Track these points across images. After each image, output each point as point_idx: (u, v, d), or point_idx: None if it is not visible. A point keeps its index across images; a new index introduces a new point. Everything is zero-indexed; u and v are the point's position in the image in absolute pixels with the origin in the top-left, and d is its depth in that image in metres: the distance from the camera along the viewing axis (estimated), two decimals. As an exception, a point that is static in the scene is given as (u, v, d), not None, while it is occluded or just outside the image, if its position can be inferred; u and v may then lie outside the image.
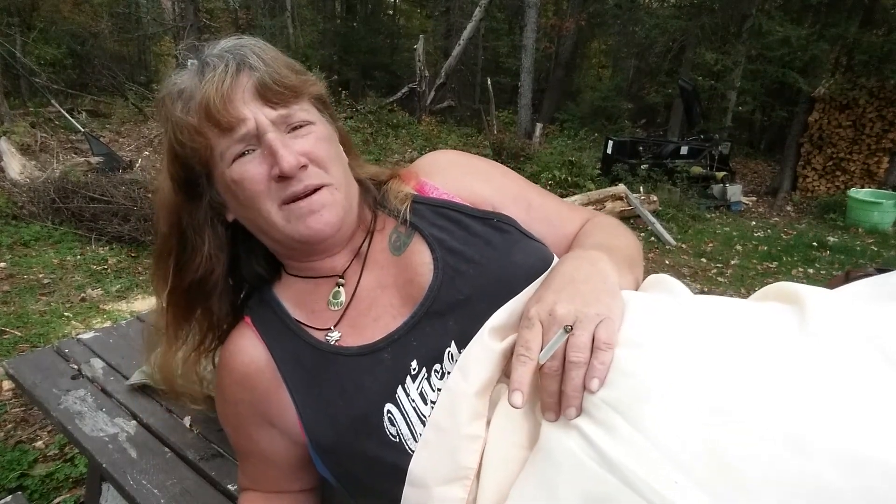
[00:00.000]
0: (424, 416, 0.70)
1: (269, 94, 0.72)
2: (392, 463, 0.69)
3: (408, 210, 0.81)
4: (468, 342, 0.70)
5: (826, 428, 0.49)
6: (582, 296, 0.64)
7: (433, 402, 0.70)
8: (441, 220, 0.80)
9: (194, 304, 0.82)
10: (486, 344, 0.68)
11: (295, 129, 0.74)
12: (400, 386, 0.72)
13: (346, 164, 0.82)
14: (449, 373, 0.71)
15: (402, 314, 0.77)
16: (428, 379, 0.72)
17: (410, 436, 0.70)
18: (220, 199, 0.78)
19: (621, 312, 0.64)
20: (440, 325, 0.74)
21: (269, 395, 0.78)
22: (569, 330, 0.59)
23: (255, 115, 0.71)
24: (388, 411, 0.71)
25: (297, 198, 0.73)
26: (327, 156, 0.76)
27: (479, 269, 0.75)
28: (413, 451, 0.69)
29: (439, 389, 0.71)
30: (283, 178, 0.72)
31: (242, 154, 0.73)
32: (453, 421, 0.66)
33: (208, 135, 0.71)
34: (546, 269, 0.75)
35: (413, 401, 0.71)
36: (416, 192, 0.84)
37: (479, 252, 0.77)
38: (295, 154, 0.72)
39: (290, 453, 0.81)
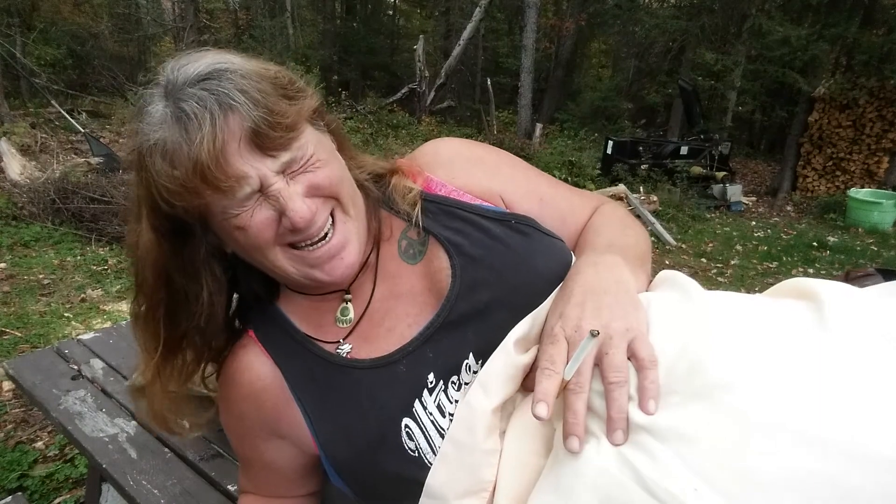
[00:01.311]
0: (443, 429, 0.68)
1: (266, 142, 0.62)
2: (411, 478, 0.68)
3: (419, 213, 0.76)
4: (487, 353, 0.67)
5: (846, 428, 0.49)
6: (608, 308, 0.62)
7: (451, 415, 0.68)
8: (456, 221, 0.75)
9: (188, 345, 0.76)
10: (508, 358, 0.66)
11: (297, 170, 0.67)
12: (417, 399, 0.69)
13: (348, 175, 0.74)
14: (467, 384, 0.69)
15: (418, 323, 0.73)
16: (445, 391, 0.70)
17: (429, 449, 0.68)
18: (217, 241, 0.72)
19: (647, 324, 0.62)
20: (458, 335, 0.71)
21: (279, 410, 0.75)
22: (595, 335, 0.57)
23: (257, 170, 0.63)
24: (406, 426, 0.69)
25: (309, 241, 0.68)
26: (331, 182, 0.69)
27: (500, 277, 0.71)
28: (430, 464, 0.67)
29: (457, 401, 0.69)
30: (297, 228, 0.66)
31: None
32: (472, 436, 0.65)
33: (204, 195, 0.63)
34: (566, 273, 0.71)
35: (431, 414, 0.69)
36: (424, 190, 0.79)
37: (499, 258, 0.72)
38: (305, 203, 0.65)
39: (295, 463, 0.79)
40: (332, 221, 0.70)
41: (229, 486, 1.14)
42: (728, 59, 9.08)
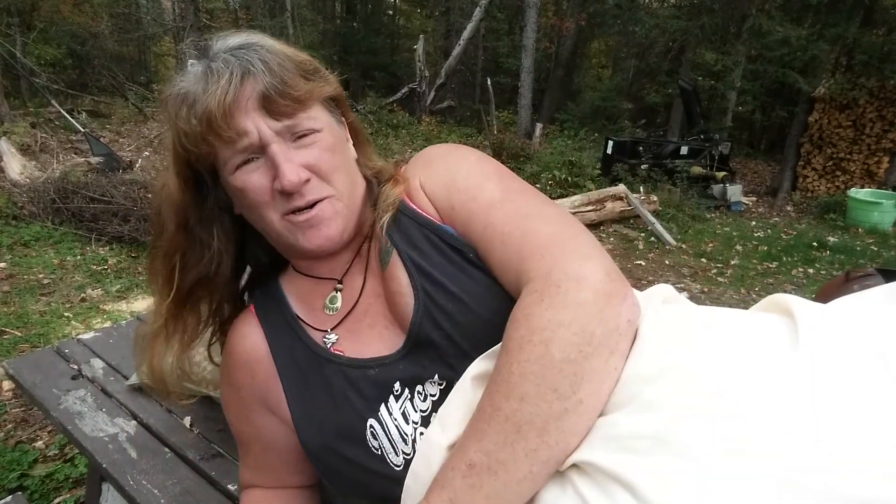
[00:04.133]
0: (405, 434, 0.72)
1: (274, 107, 0.70)
2: (375, 470, 0.72)
3: (385, 223, 0.77)
4: (451, 373, 0.71)
5: (822, 465, 0.48)
6: None
7: (415, 422, 0.72)
8: (423, 242, 0.76)
9: (198, 295, 0.82)
10: (465, 396, 0.67)
11: (300, 137, 0.73)
12: (383, 404, 0.73)
13: (353, 166, 0.81)
14: (432, 395, 0.73)
15: (392, 327, 0.77)
16: (411, 400, 0.73)
17: (392, 450, 0.72)
18: (226, 198, 0.79)
19: None
20: (424, 354, 0.74)
21: (268, 383, 0.80)
22: None
23: (258, 126, 0.70)
24: (371, 426, 0.73)
25: (298, 209, 0.73)
26: (331, 167, 0.74)
27: (460, 307, 0.71)
28: (393, 464, 0.72)
29: (422, 410, 0.73)
30: (286, 192, 0.71)
31: (246, 162, 0.72)
32: (429, 472, 0.66)
33: (210, 142, 0.71)
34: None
35: (395, 419, 0.73)
36: (403, 201, 0.80)
37: (460, 286, 0.72)
38: (297, 169, 0.71)
39: (289, 441, 0.82)
40: (323, 199, 0.74)
41: (229, 486, 1.14)
42: (728, 59, 9.08)
